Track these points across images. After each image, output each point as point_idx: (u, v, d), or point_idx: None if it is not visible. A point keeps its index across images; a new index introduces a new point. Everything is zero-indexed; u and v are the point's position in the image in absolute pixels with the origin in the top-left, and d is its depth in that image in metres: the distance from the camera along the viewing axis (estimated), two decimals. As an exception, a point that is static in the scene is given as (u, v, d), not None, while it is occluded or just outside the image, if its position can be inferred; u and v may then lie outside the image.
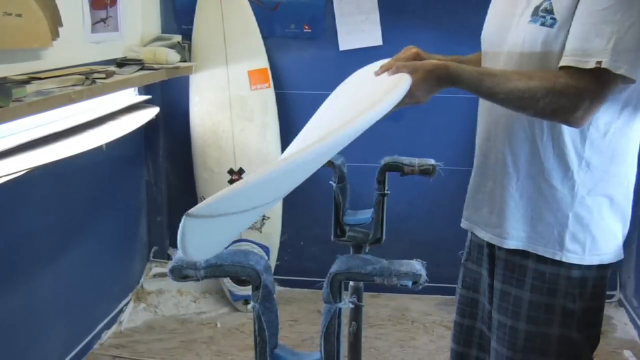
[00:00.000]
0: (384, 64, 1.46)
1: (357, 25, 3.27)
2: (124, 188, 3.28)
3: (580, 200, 1.42)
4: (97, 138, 2.27)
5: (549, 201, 1.44)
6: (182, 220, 0.91)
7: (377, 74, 1.45)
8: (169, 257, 3.54)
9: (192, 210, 0.91)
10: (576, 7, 1.31)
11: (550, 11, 1.35)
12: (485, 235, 1.56)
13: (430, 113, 3.36)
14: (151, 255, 3.58)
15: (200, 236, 0.97)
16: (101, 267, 3.03)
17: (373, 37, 3.28)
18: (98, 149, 2.23)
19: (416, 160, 2.03)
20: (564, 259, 1.44)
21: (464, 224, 1.65)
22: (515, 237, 1.48)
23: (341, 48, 3.30)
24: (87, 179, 2.81)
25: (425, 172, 2.02)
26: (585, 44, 1.27)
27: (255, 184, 0.99)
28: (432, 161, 2.03)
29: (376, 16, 3.27)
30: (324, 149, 1.08)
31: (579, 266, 1.44)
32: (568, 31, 1.32)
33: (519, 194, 1.47)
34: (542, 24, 1.35)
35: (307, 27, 3.32)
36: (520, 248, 1.48)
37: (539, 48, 1.37)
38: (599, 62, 1.25)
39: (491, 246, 1.56)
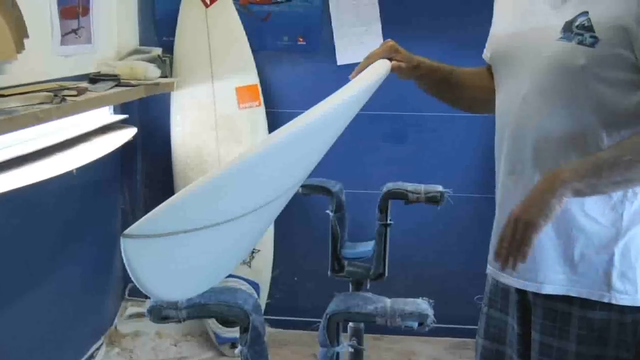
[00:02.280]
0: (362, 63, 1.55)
1: (357, 37, 3.29)
2: (97, 217, 3.27)
3: (626, 233, 1.40)
4: (68, 162, 2.27)
5: (590, 237, 1.41)
6: (121, 243, 0.81)
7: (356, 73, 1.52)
8: (146, 296, 3.51)
9: (129, 230, 0.82)
10: (623, 29, 1.29)
11: (589, 28, 1.33)
12: (516, 283, 1.51)
13: (438, 134, 3.37)
14: (127, 292, 3.55)
15: (155, 265, 0.85)
16: (70, 305, 3.00)
17: (374, 50, 3.31)
18: (68, 174, 2.22)
19: (422, 187, 2.04)
20: (613, 301, 1.41)
21: (488, 269, 1.61)
22: (553, 281, 1.45)
23: (339, 62, 3.32)
24: (55, 207, 2.80)
25: (433, 200, 2.03)
26: None
27: (202, 190, 0.85)
28: (440, 188, 2.04)
29: (378, 27, 3.29)
30: (295, 137, 1.00)
31: (631, 309, 1.41)
32: (613, 54, 1.31)
33: (555, 232, 1.43)
34: (580, 43, 1.34)
35: (301, 39, 3.34)
36: (561, 293, 1.45)
37: (579, 69, 1.35)
38: None
39: (521, 292, 1.52)
